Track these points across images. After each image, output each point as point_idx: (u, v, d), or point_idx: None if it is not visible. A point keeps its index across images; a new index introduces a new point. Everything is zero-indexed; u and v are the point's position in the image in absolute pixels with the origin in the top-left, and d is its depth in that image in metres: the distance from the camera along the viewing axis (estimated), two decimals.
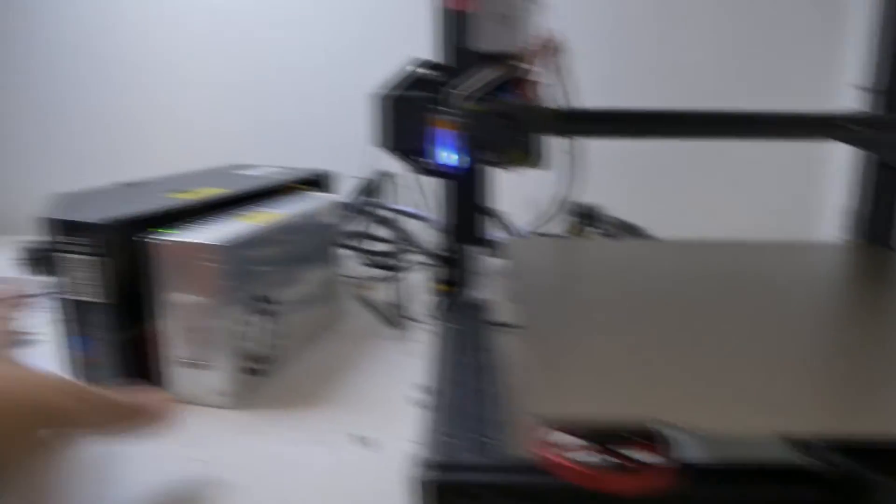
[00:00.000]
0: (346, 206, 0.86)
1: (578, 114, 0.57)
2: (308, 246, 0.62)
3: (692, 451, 0.34)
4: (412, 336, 0.65)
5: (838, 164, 0.91)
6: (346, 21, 1.03)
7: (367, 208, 0.84)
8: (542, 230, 0.79)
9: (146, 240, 0.49)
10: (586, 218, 0.87)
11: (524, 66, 0.54)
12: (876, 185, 0.64)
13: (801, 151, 0.99)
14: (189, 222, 0.53)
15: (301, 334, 0.61)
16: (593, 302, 0.47)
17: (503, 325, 0.61)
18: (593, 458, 0.32)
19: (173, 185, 0.64)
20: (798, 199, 1.03)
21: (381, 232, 0.86)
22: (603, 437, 0.32)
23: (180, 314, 0.49)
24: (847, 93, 0.67)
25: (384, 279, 0.77)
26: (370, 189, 0.90)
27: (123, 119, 1.08)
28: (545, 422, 0.31)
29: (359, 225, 0.83)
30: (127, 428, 0.39)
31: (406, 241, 0.84)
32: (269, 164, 0.79)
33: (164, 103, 1.07)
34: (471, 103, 0.53)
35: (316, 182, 0.74)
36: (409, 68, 0.59)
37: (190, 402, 0.51)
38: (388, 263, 0.79)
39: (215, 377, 0.50)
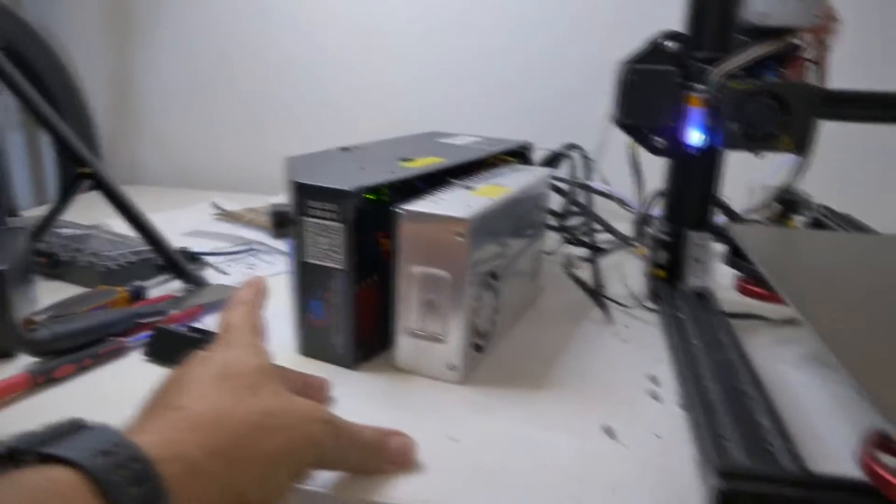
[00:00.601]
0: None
1: (845, 96, 0.51)
2: (524, 220, 0.60)
3: None
4: (618, 319, 0.62)
5: None
6: None
7: (561, 184, 0.81)
8: (750, 217, 0.74)
9: (392, 209, 0.48)
10: (790, 204, 0.81)
11: (798, 42, 0.49)
12: None
13: None
14: (422, 192, 0.52)
15: (514, 311, 0.60)
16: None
17: (738, 316, 0.58)
18: None
19: (390, 152, 0.63)
20: None
21: (571, 208, 0.83)
22: None
23: (420, 285, 0.48)
24: None
25: (585, 258, 0.74)
26: (554, 162, 0.87)
27: (330, 88, 1.09)
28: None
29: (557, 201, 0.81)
30: (373, 471, 0.38)
31: (597, 220, 0.80)
32: (467, 133, 0.77)
33: (374, 74, 1.08)
34: (735, 81, 0.49)
35: (519, 153, 0.72)
36: (657, 40, 0.55)
37: (416, 373, 0.50)
38: (588, 242, 0.76)
39: (447, 351, 0.49)
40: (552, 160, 0.88)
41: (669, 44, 0.55)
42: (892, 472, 0.29)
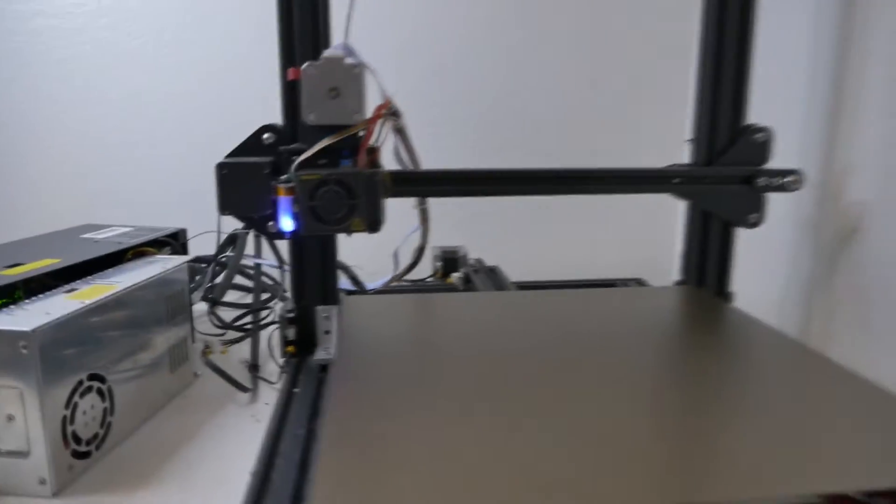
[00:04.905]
0: (205, 261, 0.84)
1: (409, 176, 0.58)
2: (153, 314, 0.61)
3: None
4: (264, 397, 0.64)
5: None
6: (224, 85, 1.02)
7: (227, 263, 0.83)
8: (406, 278, 0.80)
9: None
10: (450, 262, 0.89)
11: (360, 133, 0.55)
12: (701, 231, 0.69)
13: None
14: (14, 299, 0.51)
15: (145, 405, 0.59)
16: (407, 371, 0.49)
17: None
18: None
19: (5, 255, 0.61)
20: (652, 243, 1.08)
21: (241, 287, 0.85)
22: None
23: None
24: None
25: (241, 338, 0.76)
26: (233, 242, 0.89)
27: None
28: None
29: (219, 281, 0.82)
30: None
31: (269, 295, 0.83)
32: (120, 225, 0.76)
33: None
34: (305, 172, 0.54)
35: (169, 242, 0.73)
36: (257, 134, 0.59)
37: (8, 493, 0.48)
38: (242, 324, 0.78)
39: (34, 465, 0.47)
40: (231, 241, 0.90)
41: (267, 136, 0.59)
42: None
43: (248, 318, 0.80)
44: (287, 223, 0.57)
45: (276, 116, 0.60)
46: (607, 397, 0.44)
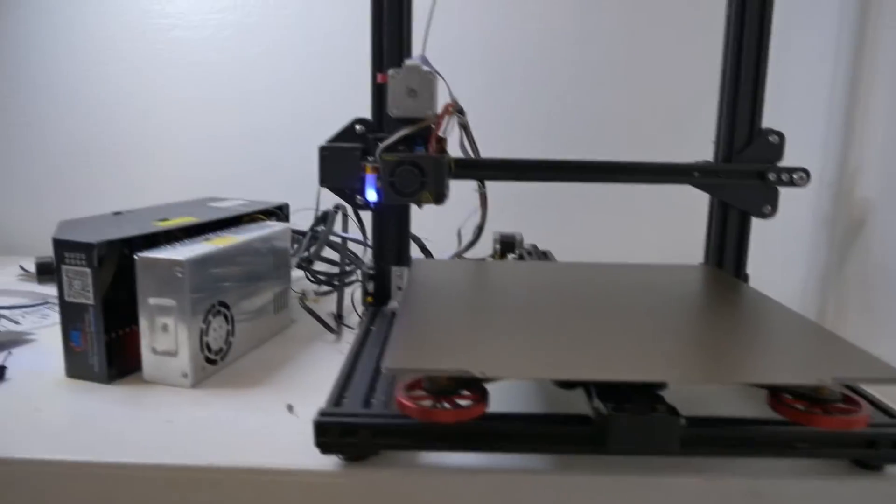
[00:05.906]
0: (301, 233, 1.01)
1: (469, 162, 0.72)
2: (263, 265, 0.77)
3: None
4: (347, 338, 0.79)
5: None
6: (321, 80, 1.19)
7: (319, 234, 0.99)
8: (467, 255, 0.94)
9: (131, 256, 0.63)
10: (507, 245, 1.02)
11: (431, 125, 0.70)
12: (721, 220, 0.80)
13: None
14: (166, 243, 0.68)
15: (255, 335, 0.76)
16: (460, 302, 0.63)
17: None
18: (430, 402, 0.47)
19: (155, 214, 0.79)
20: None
21: (331, 254, 1.01)
22: (437, 389, 0.47)
23: (155, 313, 0.64)
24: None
25: (329, 292, 0.92)
26: (325, 219, 1.05)
27: (119, 154, 1.24)
28: (394, 373, 0.46)
29: (312, 248, 0.98)
30: None
31: (351, 262, 0.99)
32: (237, 198, 0.94)
33: (152, 141, 1.23)
34: (387, 154, 0.69)
35: (275, 212, 0.89)
36: (351, 125, 0.74)
37: (159, 383, 0.65)
38: (331, 280, 0.94)
39: (179, 363, 0.64)
40: (324, 217, 1.06)
41: (359, 127, 0.75)
42: (409, 398, 0.47)
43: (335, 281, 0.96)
44: (372, 195, 0.72)
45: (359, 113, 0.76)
46: (623, 324, 0.57)
